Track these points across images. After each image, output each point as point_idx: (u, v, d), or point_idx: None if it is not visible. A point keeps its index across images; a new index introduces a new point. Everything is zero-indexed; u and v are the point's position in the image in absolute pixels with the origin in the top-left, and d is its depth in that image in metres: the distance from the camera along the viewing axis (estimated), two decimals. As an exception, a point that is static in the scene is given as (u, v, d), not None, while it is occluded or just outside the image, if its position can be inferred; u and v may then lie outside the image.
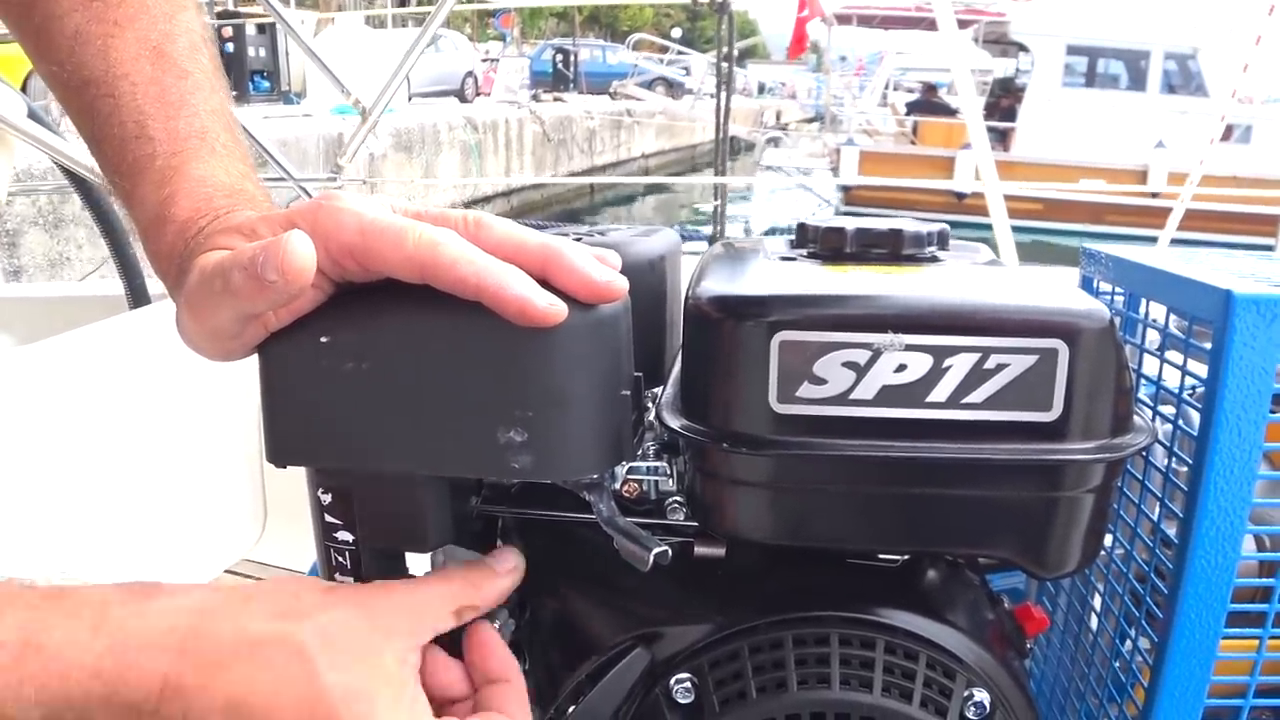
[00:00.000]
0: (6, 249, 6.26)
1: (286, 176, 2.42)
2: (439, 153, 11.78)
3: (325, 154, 8.98)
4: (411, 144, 11.10)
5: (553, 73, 19.73)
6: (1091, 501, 0.47)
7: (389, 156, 10.47)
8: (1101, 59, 13.06)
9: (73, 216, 6.26)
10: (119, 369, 1.37)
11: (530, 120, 14.11)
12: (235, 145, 0.60)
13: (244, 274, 0.44)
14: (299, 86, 12.84)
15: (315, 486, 0.52)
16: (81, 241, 6.39)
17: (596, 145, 16.77)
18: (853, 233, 0.55)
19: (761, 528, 0.49)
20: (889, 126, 14.68)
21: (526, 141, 14.18)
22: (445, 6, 2.40)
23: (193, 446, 1.45)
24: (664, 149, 19.82)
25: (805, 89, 23.21)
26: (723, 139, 3.55)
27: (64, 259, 6.56)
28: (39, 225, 6.48)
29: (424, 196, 10.99)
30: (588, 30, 28.26)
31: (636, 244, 0.62)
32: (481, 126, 12.86)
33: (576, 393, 0.46)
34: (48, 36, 0.62)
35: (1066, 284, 0.50)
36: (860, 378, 0.44)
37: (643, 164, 19.15)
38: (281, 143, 8.48)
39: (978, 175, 2.63)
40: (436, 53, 14.24)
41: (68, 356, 1.32)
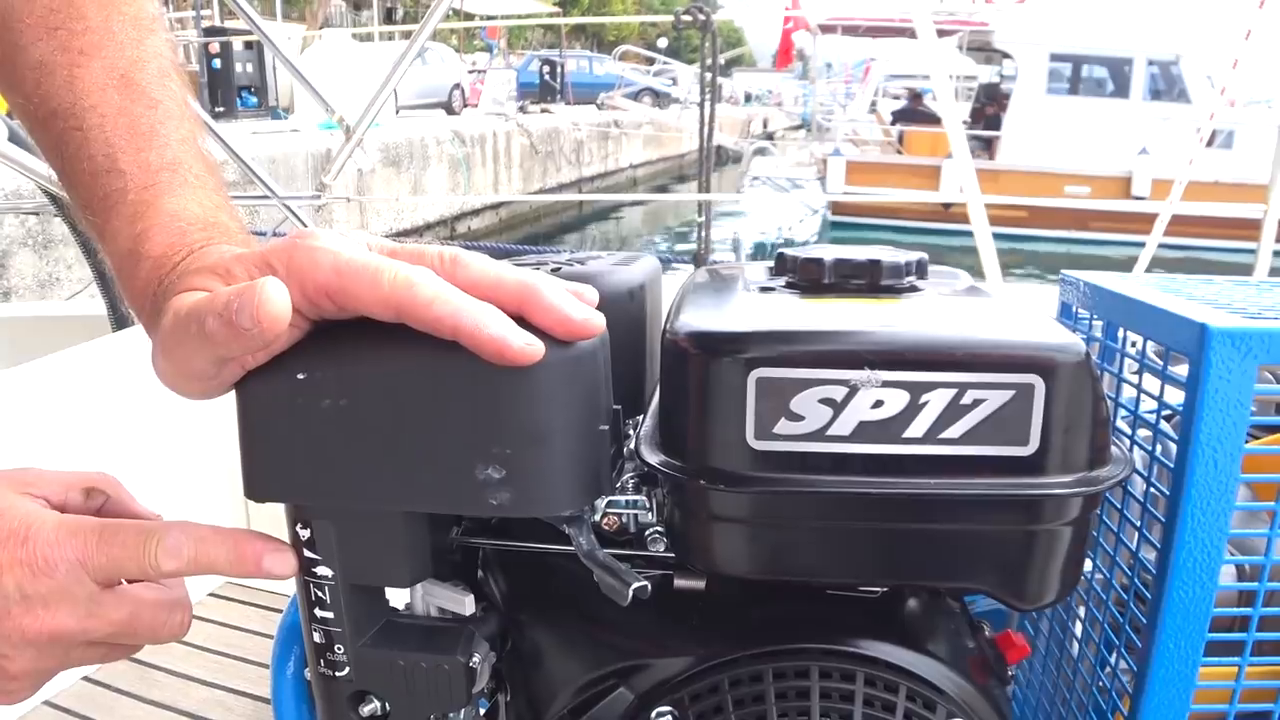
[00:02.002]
0: (-7, 270, 6.24)
1: (271, 195, 2.42)
2: (427, 167, 11.78)
3: (313, 170, 8.97)
4: (399, 159, 11.10)
5: (540, 84, 19.74)
6: (1070, 534, 0.47)
7: (377, 171, 10.46)
8: (1085, 65, 13.13)
9: (62, 237, 6.25)
10: (101, 392, 1.37)
11: (518, 133, 14.13)
12: (208, 174, 0.60)
13: (219, 320, 0.44)
14: (287, 101, 12.84)
15: (294, 522, 0.52)
16: (71, 262, 6.38)
17: (584, 156, 16.79)
18: (831, 263, 0.55)
19: (740, 563, 0.49)
20: (875, 135, 14.73)
21: (514, 154, 14.19)
22: (431, 23, 2.40)
23: (174, 468, 1.44)
24: (651, 159, 19.86)
25: (792, 96, 23.29)
26: (707, 154, 3.55)
27: (54, 279, 6.54)
28: (28, 246, 6.47)
29: (411, 211, 11.00)
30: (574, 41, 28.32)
31: (616, 273, 0.62)
32: (469, 140, 12.86)
33: (554, 430, 0.46)
34: (12, 68, 0.61)
35: (1043, 315, 0.50)
36: (837, 414, 0.44)
37: (630, 174, 19.18)
38: (270, 159, 8.49)
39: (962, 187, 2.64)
40: (423, 65, 14.25)
41: (50, 379, 1.31)
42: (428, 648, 0.54)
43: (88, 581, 0.50)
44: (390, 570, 0.53)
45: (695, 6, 3.61)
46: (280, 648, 0.70)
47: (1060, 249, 11.98)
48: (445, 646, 0.54)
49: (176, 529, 0.51)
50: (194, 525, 0.52)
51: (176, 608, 0.54)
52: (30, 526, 0.49)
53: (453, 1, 2.55)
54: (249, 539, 0.51)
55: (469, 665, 0.53)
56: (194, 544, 0.51)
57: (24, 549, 0.49)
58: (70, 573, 0.49)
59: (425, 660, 0.54)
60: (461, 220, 12.66)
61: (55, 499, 0.55)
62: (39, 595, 0.49)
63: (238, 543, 0.51)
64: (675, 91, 19.71)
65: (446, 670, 0.53)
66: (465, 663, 0.53)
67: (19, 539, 0.49)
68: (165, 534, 0.50)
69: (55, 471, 0.57)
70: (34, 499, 0.53)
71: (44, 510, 0.52)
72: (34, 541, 0.49)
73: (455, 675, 0.53)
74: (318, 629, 0.54)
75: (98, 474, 0.59)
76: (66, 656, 0.52)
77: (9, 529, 0.49)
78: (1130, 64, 12.45)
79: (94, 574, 0.50)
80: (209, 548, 0.51)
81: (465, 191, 12.36)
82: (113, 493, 0.59)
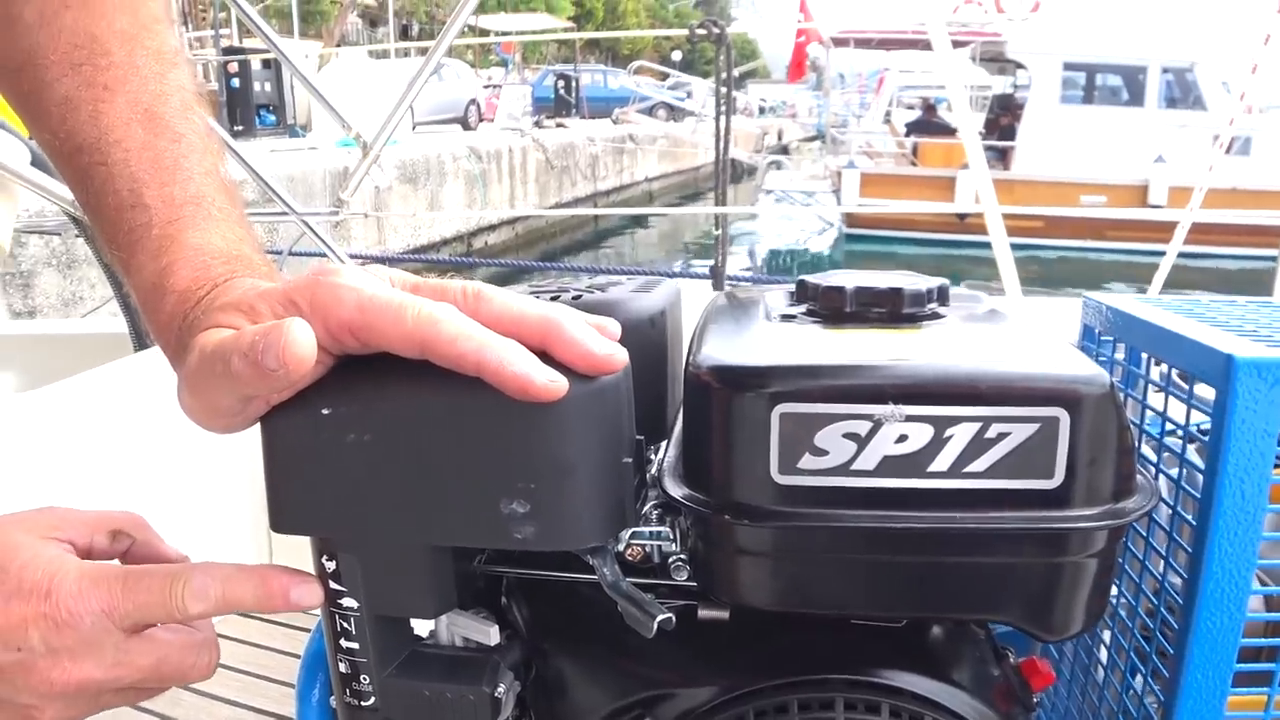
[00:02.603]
0: (21, 289, 6.34)
1: (289, 211, 2.43)
2: (444, 183, 11.84)
3: (331, 187, 9.03)
4: (416, 175, 11.16)
5: (555, 98, 19.82)
6: (1095, 565, 0.47)
7: (394, 188, 10.53)
8: (1099, 74, 13.10)
9: (85, 256, 6.33)
10: (123, 413, 1.37)
11: (534, 148, 14.18)
12: (231, 207, 0.60)
13: (244, 360, 0.45)
14: (304, 119, 12.94)
15: (319, 554, 0.52)
16: (94, 281, 6.47)
17: (599, 170, 16.84)
18: (852, 292, 0.55)
19: (765, 595, 0.49)
20: (890, 147, 14.72)
21: (530, 169, 14.25)
22: (446, 39, 2.41)
23: (196, 488, 1.45)
24: (666, 172, 19.89)
25: (806, 108, 23.31)
26: (723, 169, 3.55)
27: (77, 298, 6.63)
28: (52, 266, 6.57)
29: (428, 227, 11.05)
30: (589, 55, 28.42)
31: (636, 300, 0.62)
32: (485, 155, 12.93)
33: (579, 463, 0.46)
34: (38, 103, 0.61)
35: (1066, 344, 0.50)
36: (861, 448, 0.44)
37: (646, 188, 19.21)
38: (288, 177, 8.55)
39: (978, 198, 2.63)
40: (439, 81, 14.33)
41: (73, 401, 1.32)
42: (453, 678, 0.54)
43: (114, 630, 0.50)
44: (415, 602, 0.53)
45: (710, 20, 3.62)
46: (305, 675, 0.70)
47: (1077, 258, 11.94)
48: (470, 677, 0.54)
49: (201, 571, 0.51)
50: (218, 566, 0.52)
51: (204, 648, 0.54)
52: (54, 578, 0.49)
53: (468, 18, 2.56)
54: (275, 574, 0.52)
55: (494, 696, 0.54)
56: (220, 585, 0.51)
57: (47, 602, 0.49)
58: (96, 624, 0.49)
59: (450, 691, 0.54)
60: (478, 236, 12.72)
61: (81, 542, 0.55)
62: (65, 648, 0.49)
63: (264, 579, 0.51)
64: (689, 105, 19.75)
65: (472, 701, 0.54)
66: (490, 693, 0.54)
67: (42, 592, 0.49)
68: (191, 577, 0.50)
69: (81, 512, 0.57)
70: (59, 543, 0.53)
71: (67, 558, 0.52)
72: (57, 594, 0.49)
73: (480, 706, 0.54)
74: (343, 659, 0.54)
75: (124, 515, 0.59)
76: (95, 703, 0.52)
77: (32, 582, 0.49)
78: (1144, 72, 12.41)
79: (120, 622, 0.50)
80: (235, 587, 0.51)
81: (482, 207, 12.41)
82: (139, 535, 0.59)
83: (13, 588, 0.49)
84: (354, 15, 27.33)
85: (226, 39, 14.59)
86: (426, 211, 11.28)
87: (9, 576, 0.49)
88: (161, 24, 0.65)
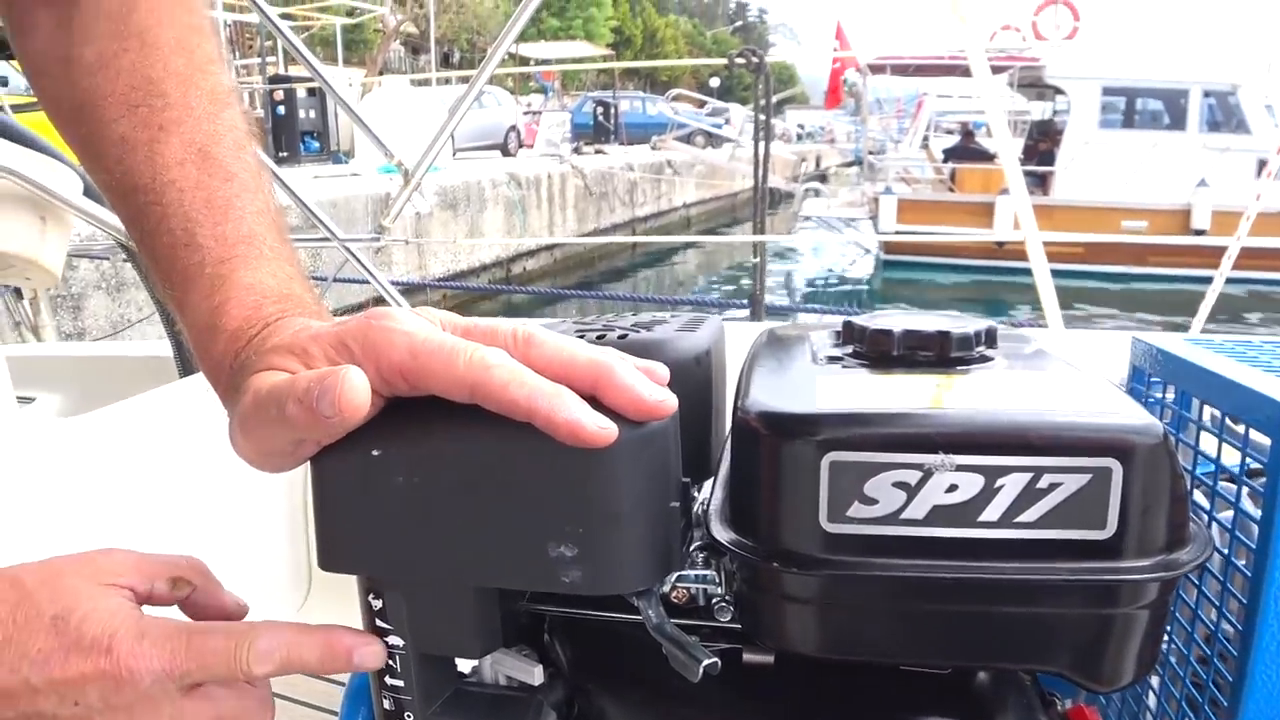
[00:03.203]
0: (71, 311, 6.48)
1: (331, 237, 2.46)
2: (484, 209, 11.95)
3: (373, 213, 9.17)
4: (457, 201, 11.27)
5: (594, 125, 19.96)
6: (1147, 616, 0.46)
7: (435, 214, 10.63)
8: (1139, 99, 12.99)
9: (133, 280, 6.49)
10: (168, 438, 1.39)
11: (572, 174, 14.27)
12: (281, 245, 0.61)
13: (299, 406, 0.45)
14: (348, 146, 13.14)
15: (366, 591, 0.53)
16: (141, 304, 6.63)
17: (638, 197, 16.91)
18: (900, 335, 0.55)
19: (811, 642, 0.49)
20: (927, 173, 14.67)
21: (569, 196, 14.34)
22: (486, 72, 2.44)
23: (238, 513, 1.47)
24: (705, 198, 19.93)
25: (844, 133, 23.31)
26: (761, 197, 3.56)
27: (125, 320, 6.78)
28: (102, 289, 6.73)
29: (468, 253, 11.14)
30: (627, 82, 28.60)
31: (682, 340, 0.62)
32: (525, 182, 13.03)
33: (627, 508, 0.46)
34: (96, 144, 0.63)
35: (1117, 391, 0.49)
36: (911, 498, 0.44)
37: (684, 214, 19.26)
38: (331, 203, 8.68)
39: (1017, 223, 2.61)
40: (480, 108, 14.49)
41: (119, 426, 1.34)
42: (497, 717, 0.55)
43: (173, 690, 0.49)
44: (460, 642, 0.53)
45: (748, 50, 3.64)
46: (348, 707, 0.71)
47: (1119, 284, 11.82)
48: (514, 716, 0.55)
49: (266, 632, 0.51)
50: (283, 627, 0.51)
51: (260, 708, 0.53)
52: (115, 635, 0.49)
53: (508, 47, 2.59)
54: (338, 635, 0.52)
55: None
56: (285, 647, 0.51)
57: (108, 659, 0.48)
58: (156, 683, 0.49)
59: None
60: (517, 262, 12.81)
61: (141, 589, 0.54)
62: (123, 706, 0.49)
63: (328, 641, 0.51)
64: (727, 131, 19.80)
65: None
66: None
67: (102, 648, 0.48)
68: (255, 639, 0.50)
69: (141, 556, 0.56)
70: (119, 590, 0.53)
71: (128, 611, 0.51)
72: (118, 651, 0.48)
73: None
74: (388, 696, 0.54)
75: (185, 560, 0.58)
76: None
77: (92, 637, 0.49)
78: (1186, 95, 12.30)
79: (180, 682, 0.49)
80: (300, 649, 0.51)
81: (521, 234, 12.49)
82: (199, 582, 0.58)
83: (72, 640, 0.49)
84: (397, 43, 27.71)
85: (273, 67, 14.85)
86: (466, 237, 11.38)
87: (69, 628, 0.49)
88: (215, 65, 0.66)
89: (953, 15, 2.47)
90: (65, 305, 6.47)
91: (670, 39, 52.05)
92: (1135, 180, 11.94)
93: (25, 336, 2.47)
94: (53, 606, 0.49)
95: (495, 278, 12.15)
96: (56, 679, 0.48)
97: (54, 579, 0.51)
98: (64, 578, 0.51)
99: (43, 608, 0.49)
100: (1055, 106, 14.37)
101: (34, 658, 0.48)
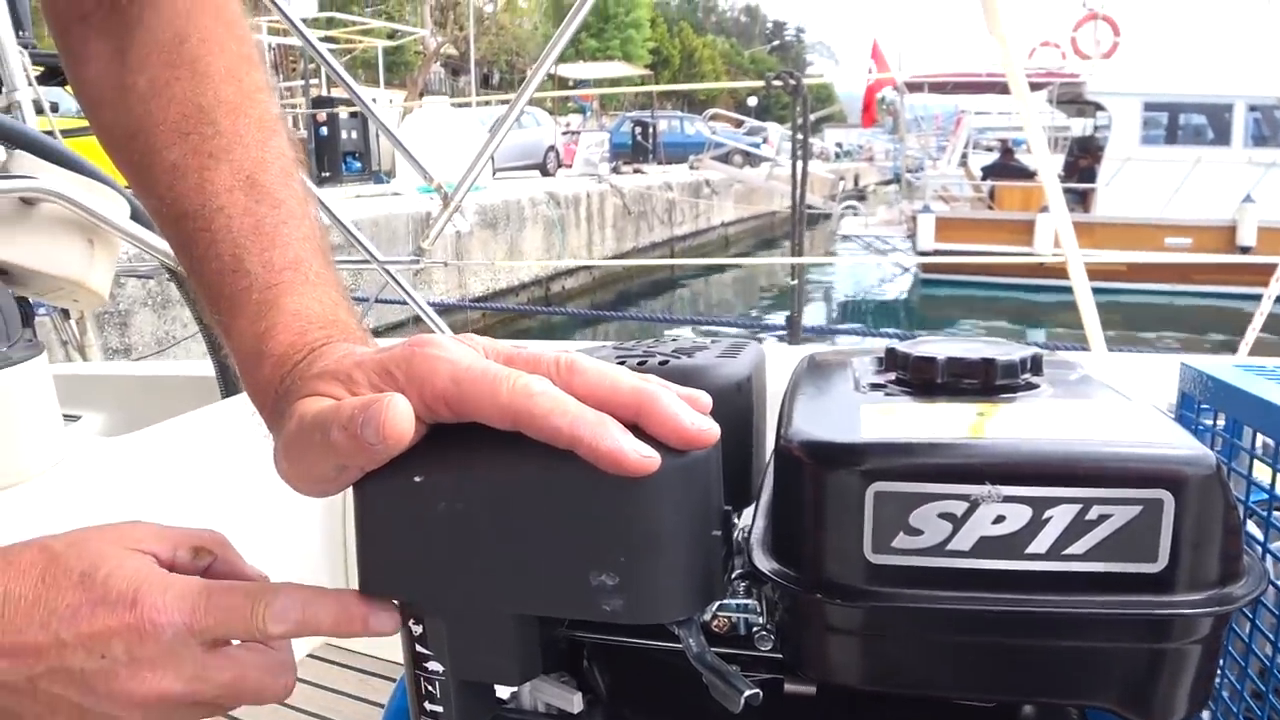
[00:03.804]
0: (118, 328, 6.64)
1: (371, 259, 2.49)
2: (523, 228, 12.04)
3: (413, 232, 9.29)
4: (496, 220, 11.37)
5: (632, 144, 20.05)
6: (1199, 652, 0.45)
7: (475, 234, 10.74)
8: (1183, 113, 12.84)
9: (178, 298, 6.63)
10: (210, 458, 1.41)
11: (611, 193, 14.34)
12: (326, 270, 0.62)
13: (343, 433, 0.46)
14: (388, 166, 13.31)
15: (406, 617, 0.53)
16: (186, 321, 6.82)
17: (676, 216, 16.97)
18: (944, 363, 0.54)
19: (854, 673, 0.48)
20: (965, 191, 14.58)
21: (608, 214, 14.41)
22: (525, 95, 2.46)
23: (277, 534, 1.48)
24: (742, 217, 19.94)
25: (883, 151, 23.25)
26: (800, 218, 3.56)
27: (170, 337, 6.93)
28: (148, 306, 6.90)
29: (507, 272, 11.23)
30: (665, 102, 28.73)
31: (723, 366, 0.62)
32: (564, 201, 13.12)
33: (669, 537, 0.46)
34: (147, 170, 0.64)
35: (1167, 420, 0.48)
36: (957, 529, 0.43)
37: (722, 233, 19.27)
38: (372, 221, 8.80)
39: (1057, 241, 2.59)
40: (519, 128, 14.62)
41: (163, 445, 1.36)
42: None
43: (194, 645, 0.50)
44: (500, 668, 0.53)
45: (786, 72, 3.65)
46: (387, 732, 0.71)
47: (1163, 302, 11.67)
48: None
49: (284, 592, 0.52)
50: (300, 587, 0.52)
51: (282, 670, 0.54)
52: (139, 589, 0.50)
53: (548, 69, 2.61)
54: (354, 600, 0.52)
55: None
56: (301, 607, 0.51)
57: (132, 612, 0.49)
58: (177, 636, 0.50)
59: None
60: (556, 280, 12.87)
61: (164, 556, 0.55)
62: (146, 659, 0.50)
63: (343, 604, 0.52)
64: (765, 151, 19.80)
65: None
66: None
67: (127, 602, 0.49)
68: (273, 597, 0.51)
69: (165, 528, 0.57)
70: (143, 555, 0.54)
71: (152, 570, 0.52)
72: (142, 605, 0.49)
73: None
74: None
75: (207, 532, 0.59)
76: (170, 717, 0.53)
77: (118, 591, 0.50)
78: (1230, 109, 12.15)
79: (201, 637, 0.50)
80: (316, 610, 0.52)
81: (560, 253, 12.56)
82: (220, 552, 0.59)
83: (99, 595, 0.50)
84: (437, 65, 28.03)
85: (315, 89, 15.11)
86: (505, 256, 11.46)
87: (95, 584, 0.50)
88: (264, 93, 0.67)
89: (991, 36, 2.45)
90: (112, 322, 6.62)
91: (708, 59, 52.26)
92: (1178, 196, 11.80)
93: (71, 355, 2.51)
94: (80, 564, 0.51)
95: (534, 295, 12.23)
96: (84, 632, 0.49)
97: (80, 543, 0.52)
98: (90, 542, 0.52)
99: (71, 566, 0.50)
100: (1096, 122, 14.25)
101: (62, 612, 0.49)
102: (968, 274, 12.56)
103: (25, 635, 0.49)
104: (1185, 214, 11.63)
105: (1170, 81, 12.54)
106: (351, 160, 13.74)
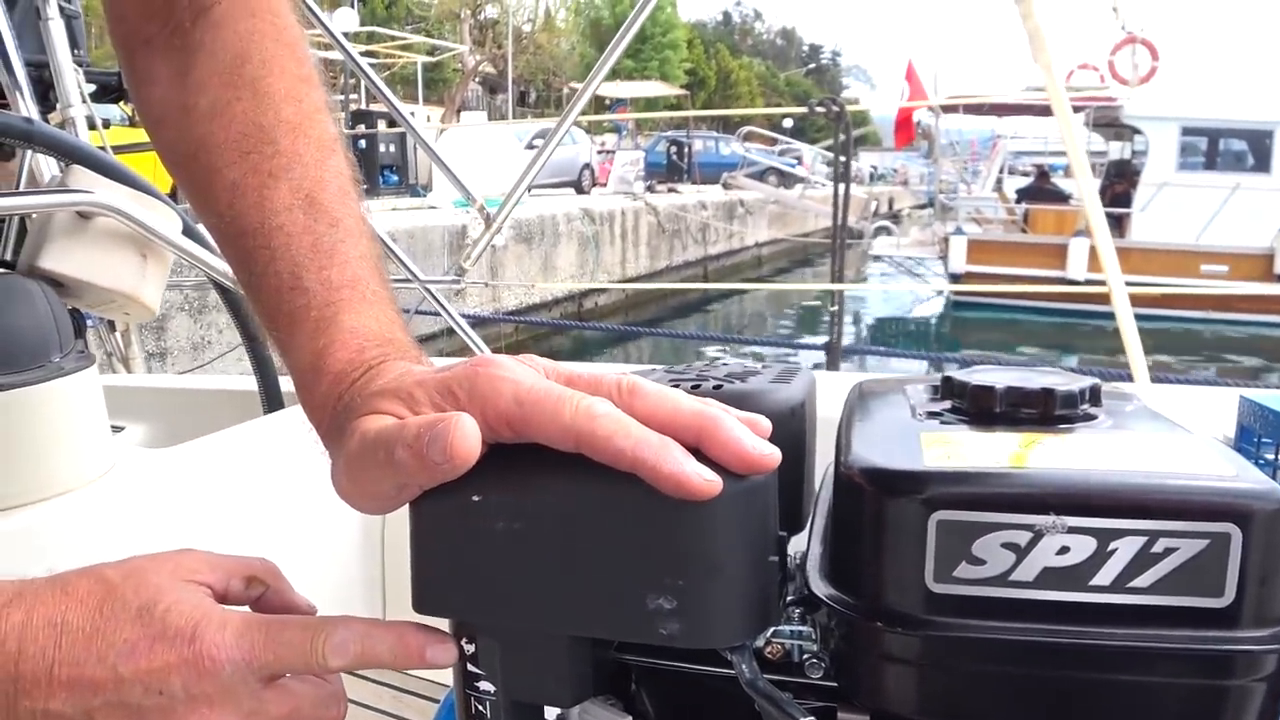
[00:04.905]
0: (154, 332, 6.77)
1: (413, 278, 2.51)
2: (557, 244, 12.10)
3: (449, 244, 9.36)
4: (531, 235, 11.44)
5: (667, 164, 20.10)
6: (1264, 690, 0.45)
7: (509, 248, 10.81)
8: (1222, 139, 12.70)
9: (214, 304, 6.81)
10: (252, 472, 1.42)
11: (645, 211, 14.38)
12: (382, 288, 0.62)
13: (408, 452, 0.46)
14: (426, 179, 13.44)
15: (458, 636, 0.53)
16: (222, 327, 6.97)
17: (710, 235, 16.99)
18: (1002, 392, 0.54)
19: (911, 703, 0.48)
20: (1000, 214, 14.50)
21: (642, 232, 14.46)
22: (568, 121, 2.48)
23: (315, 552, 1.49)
24: (776, 237, 19.92)
25: (918, 174, 23.16)
26: (840, 244, 3.55)
27: (205, 343, 7.06)
28: (185, 311, 7.05)
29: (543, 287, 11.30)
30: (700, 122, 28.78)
31: (778, 392, 0.62)
32: (599, 218, 13.17)
33: (727, 562, 0.46)
34: (208, 189, 0.65)
35: (1232, 453, 0.48)
36: (1020, 559, 0.43)
37: (755, 253, 19.26)
38: (408, 233, 8.90)
39: (1090, 266, 2.56)
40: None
41: (206, 458, 1.37)
42: None
43: (252, 680, 0.50)
44: (553, 690, 0.53)
45: (828, 99, 3.65)
46: (433, 752, 0.71)
47: (1201, 328, 11.53)
48: None
49: (341, 626, 0.52)
50: (357, 621, 0.53)
51: (334, 701, 0.54)
52: (197, 625, 0.50)
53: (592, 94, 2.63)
54: (412, 632, 0.52)
55: None
56: (360, 639, 0.51)
57: (191, 649, 0.49)
58: (236, 673, 0.50)
59: None
60: (589, 295, 12.90)
61: (218, 588, 0.56)
62: (204, 695, 0.50)
63: (401, 636, 0.52)
64: (799, 171, 19.79)
65: None
66: None
67: (186, 638, 0.50)
68: (332, 631, 0.51)
69: (218, 556, 0.58)
70: (199, 587, 0.54)
71: (209, 604, 0.53)
72: (200, 641, 0.50)
73: None
74: None
75: (259, 562, 0.60)
76: None
77: (176, 628, 0.50)
78: (1271, 135, 12.00)
79: (259, 673, 0.50)
80: (374, 642, 0.52)
81: (594, 269, 12.60)
82: (272, 583, 0.60)
83: (158, 630, 0.50)
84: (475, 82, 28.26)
85: (355, 103, 15.27)
86: (540, 270, 11.52)
87: (154, 619, 0.50)
88: (322, 113, 0.68)
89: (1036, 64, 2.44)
90: (149, 327, 6.75)
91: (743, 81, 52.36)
92: (1216, 223, 11.67)
93: (115, 367, 2.54)
94: (138, 598, 0.51)
95: (568, 311, 12.27)
96: (142, 668, 0.49)
97: (137, 574, 0.52)
98: (147, 574, 0.52)
99: (128, 600, 0.51)
100: (1134, 147, 14.14)
101: (120, 647, 0.49)
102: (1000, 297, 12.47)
103: (84, 669, 0.49)
104: (1222, 240, 11.49)
105: (1209, 106, 12.42)
106: (389, 173, 13.90)
